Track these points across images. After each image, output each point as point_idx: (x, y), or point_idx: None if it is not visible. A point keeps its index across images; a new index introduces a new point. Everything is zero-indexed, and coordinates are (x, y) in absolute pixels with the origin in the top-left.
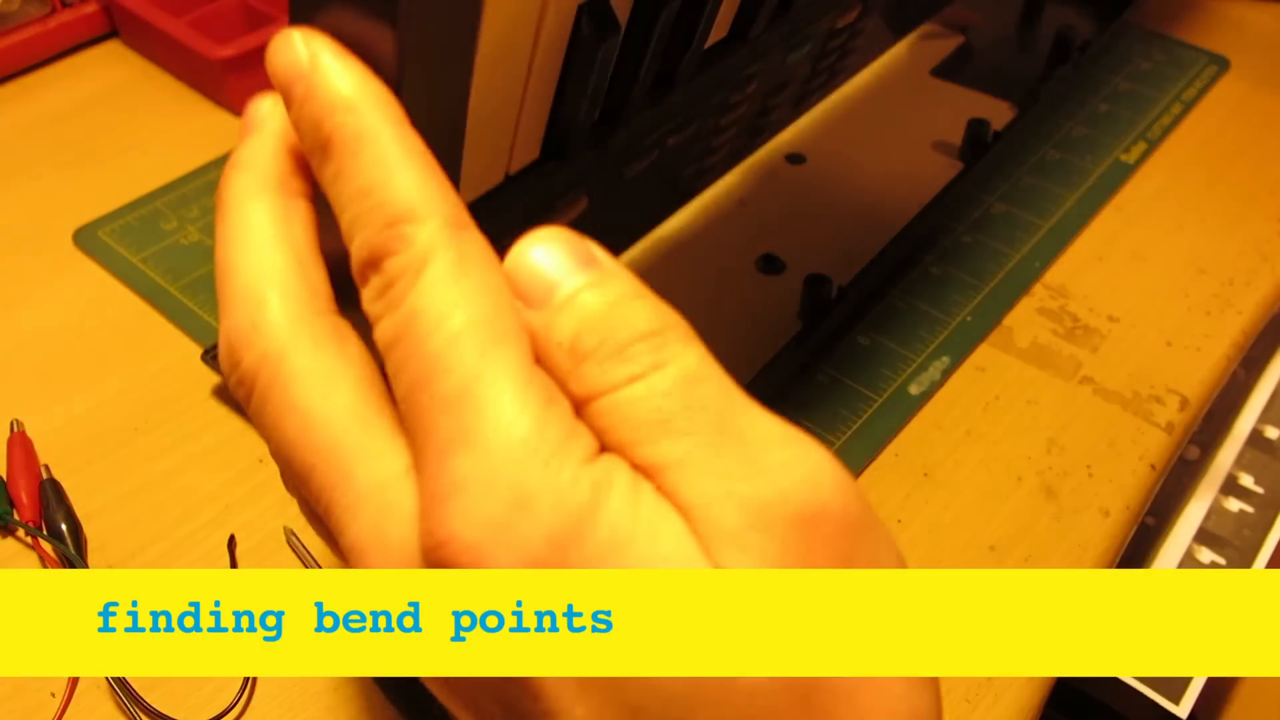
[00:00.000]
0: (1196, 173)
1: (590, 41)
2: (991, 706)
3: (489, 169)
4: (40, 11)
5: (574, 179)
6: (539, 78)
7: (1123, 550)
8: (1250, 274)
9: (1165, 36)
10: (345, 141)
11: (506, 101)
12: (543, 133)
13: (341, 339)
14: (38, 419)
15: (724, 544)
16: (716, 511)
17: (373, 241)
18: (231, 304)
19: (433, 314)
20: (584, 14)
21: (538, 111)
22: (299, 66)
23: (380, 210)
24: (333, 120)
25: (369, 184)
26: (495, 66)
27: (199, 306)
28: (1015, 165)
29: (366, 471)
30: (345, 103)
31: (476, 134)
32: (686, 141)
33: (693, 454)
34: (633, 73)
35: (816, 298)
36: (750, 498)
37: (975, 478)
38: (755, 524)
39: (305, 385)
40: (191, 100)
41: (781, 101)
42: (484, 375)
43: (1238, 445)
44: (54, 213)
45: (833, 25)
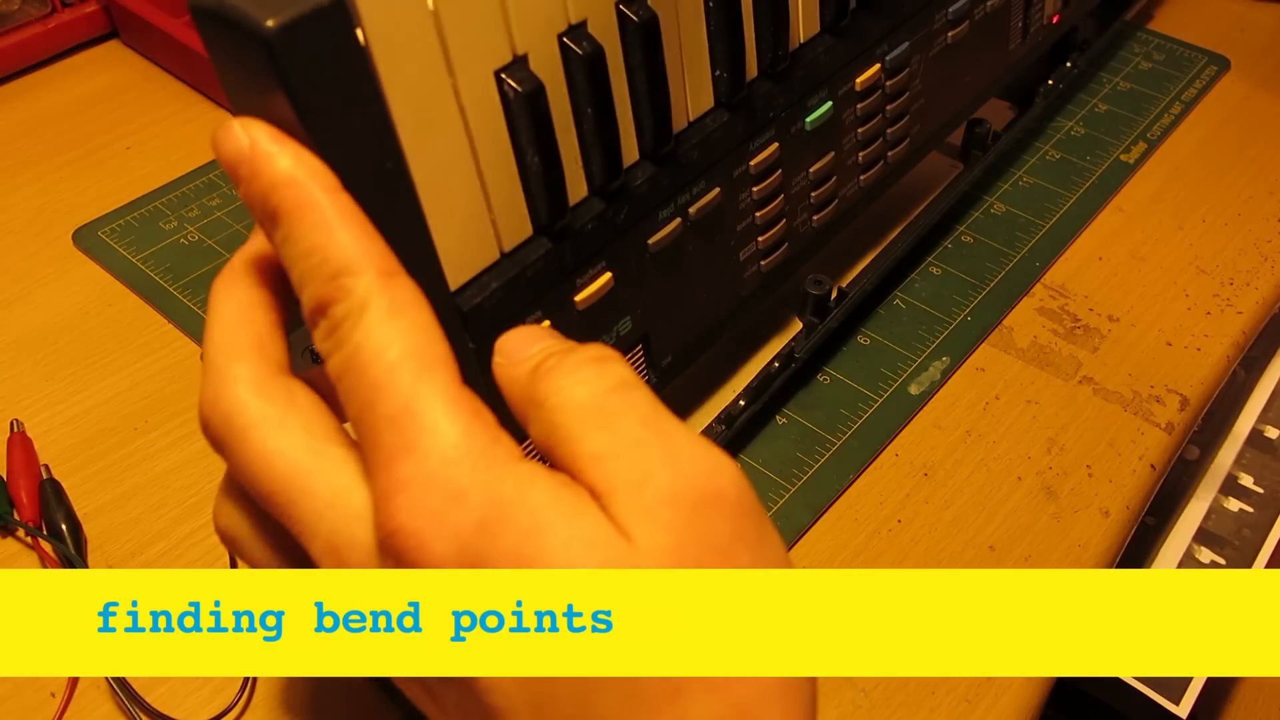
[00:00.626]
0: (1196, 173)
1: (516, 105)
2: (991, 706)
3: (475, 247)
4: (40, 11)
5: (583, 254)
6: (488, 150)
7: (1123, 550)
8: (1250, 274)
9: (1165, 36)
10: (288, 211)
11: (461, 172)
12: (527, 210)
13: (289, 392)
14: (38, 419)
15: (639, 520)
16: (636, 493)
17: (319, 293)
18: (204, 379)
19: (372, 349)
20: (503, 79)
21: (506, 186)
22: (241, 152)
23: (323, 266)
24: (276, 195)
25: (311, 245)
26: (427, 136)
27: (199, 306)
28: (1015, 165)
29: (324, 486)
30: (284, 178)
31: (440, 207)
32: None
33: (621, 445)
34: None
35: (816, 298)
36: (664, 481)
37: (975, 477)
38: (667, 502)
39: (260, 431)
40: (191, 100)
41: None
42: (418, 395)
43: (1238, 445)
44: (54, 213)
45: (852, 87)
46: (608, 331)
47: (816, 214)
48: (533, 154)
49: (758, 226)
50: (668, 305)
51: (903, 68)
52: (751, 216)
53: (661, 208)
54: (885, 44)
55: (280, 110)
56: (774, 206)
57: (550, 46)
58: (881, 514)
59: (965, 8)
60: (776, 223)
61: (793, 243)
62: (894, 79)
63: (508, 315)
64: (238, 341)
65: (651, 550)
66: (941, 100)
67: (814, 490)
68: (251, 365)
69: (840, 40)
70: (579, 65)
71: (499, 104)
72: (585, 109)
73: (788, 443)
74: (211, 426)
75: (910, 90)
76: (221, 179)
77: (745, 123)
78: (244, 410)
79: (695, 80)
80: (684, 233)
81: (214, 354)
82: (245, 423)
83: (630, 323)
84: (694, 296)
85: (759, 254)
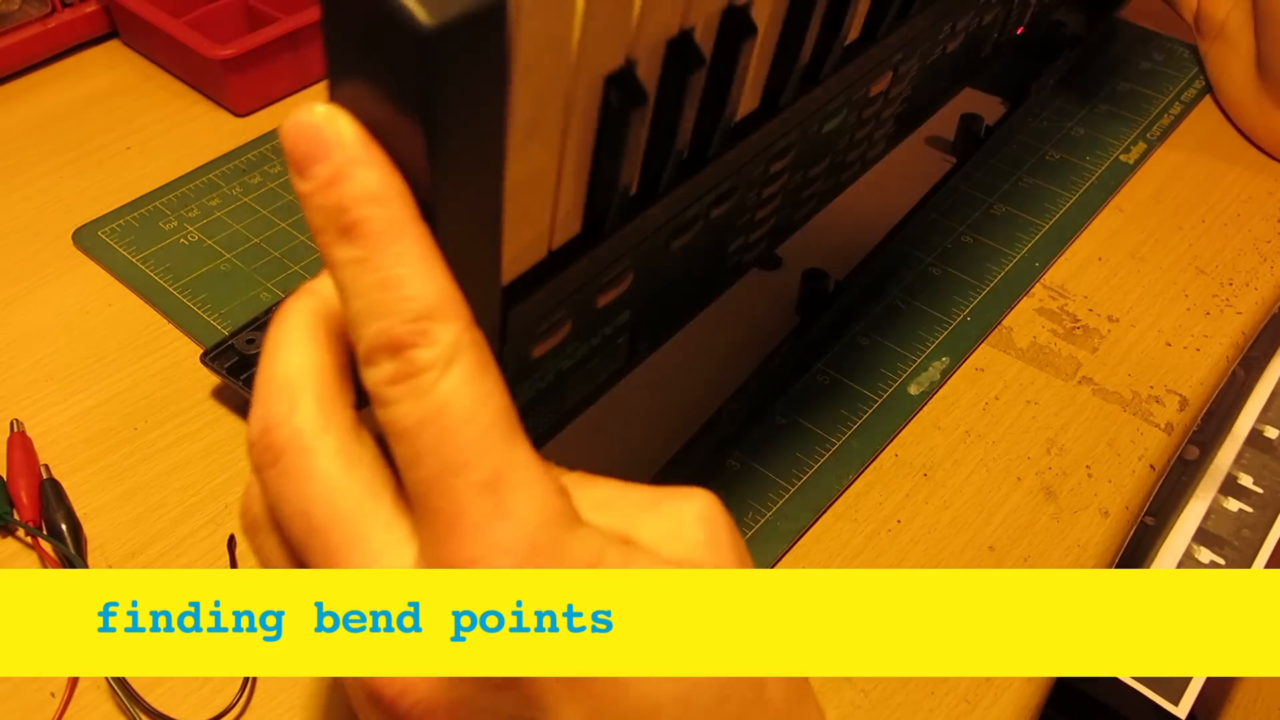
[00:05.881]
0: (1196, 173)
1: (620, 113)
2: (991, 706)
3: (531, 245)
4: (40, 11)
5: (618, 253)
6: (573, 152)
7: (1122, 550)
8: (1250, 274)
9: (1165, 36)
10: (372, 233)
11: (543, 177)
12: (582, 208)
13: (359, 429)
14: (38, 419)
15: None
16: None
17: (394, 331)
18: (269, 389)
19: (464, 408)
20: (611, 86)
21: (575, 187)
22: (324, 145)
23: (405, 304)
24: (360, 210)
25: (393, 278)
26: (528, 144)
27: (199, 306)
28: (1015, 165)
29: (379, 537)
30: (375, 194)
31: (516, 211)
32: (730, 213)
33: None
34: (666, 145)
35: (813, 292)
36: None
37: (975, 478)
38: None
39: (330, 459)
40: (191, 100)
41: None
42: (513, 464)
43: (1237, 445)
44: (54, 213)
45: (865, 94)
46: (610, 324)
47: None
48: (613, 161)
49: (754, 223)
50: (661, 297)
51: (906, 76)
52: (752, 214)
53: (690, 208)
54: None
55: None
56: (773, 205)
57: (656, 52)
58: (881, 514)
59: (969, 21)
60: (769, 218)
61: (772, 235)
62: (897, 87)
63: (540, 315)
64: (314, 367)
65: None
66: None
67: (814, 490)
68: (327, 393)
69: (876, 47)
70: (680, 76)
71: (598, 108)
72: (674, 120)
73: (787, 443)
74: (272, 436)
75: (903, 95)
76: (222, 179)
77: (781, 127)
78: (316, 433)
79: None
80: (699, 232)
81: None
82: (315, 445)
83: (628, 314)
84: (683, 287)
85: (746, 246)
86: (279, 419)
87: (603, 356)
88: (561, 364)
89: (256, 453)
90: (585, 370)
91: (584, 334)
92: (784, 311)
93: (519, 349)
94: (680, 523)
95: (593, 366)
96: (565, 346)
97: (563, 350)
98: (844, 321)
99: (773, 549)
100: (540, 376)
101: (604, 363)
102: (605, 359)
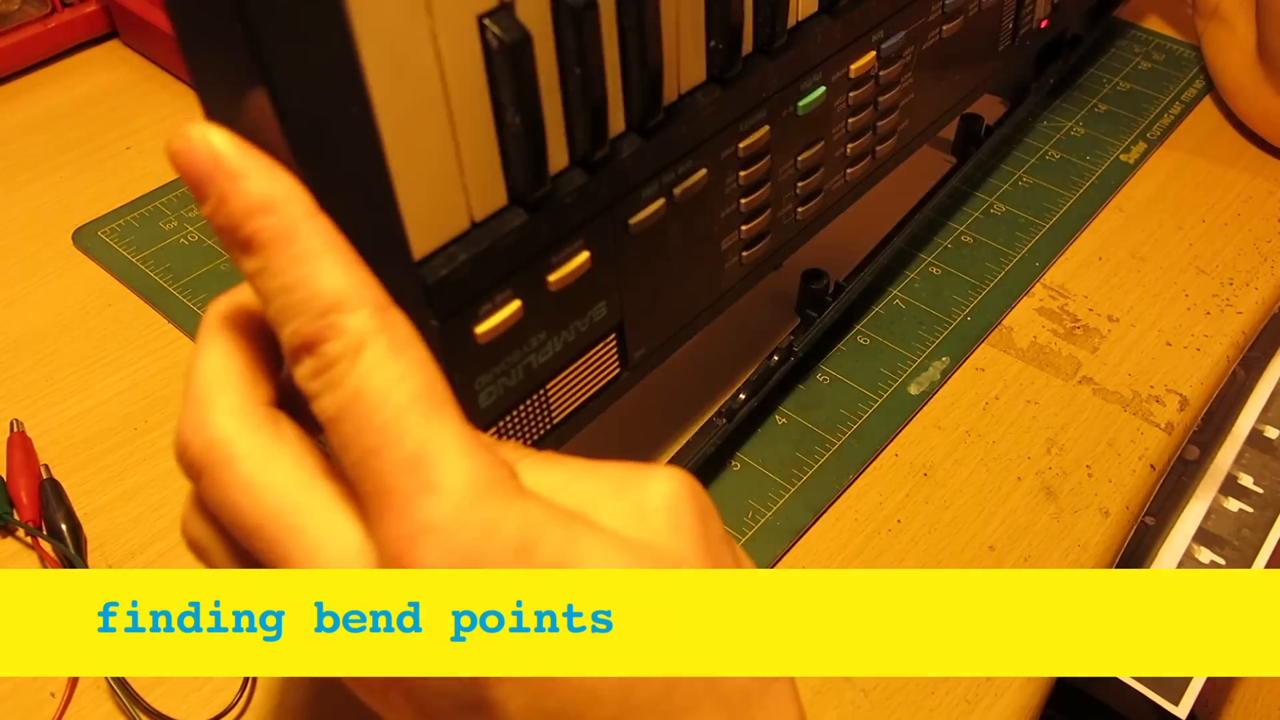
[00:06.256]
0: (1196, 173)
1: (502, 54)
2: (991, 706)
3: (443, 214)
4: (40, 11)
5: (558, 228)
6: (463, 101)
7: (1122, 550)
8: (1250, 274)
9: (1165, 36)
10: (265, 243)
11: (431, 131)
12: (502, 177)
13: (277, 423)
14: (38, 419)
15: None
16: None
17: (305, 330)
18: (186, 402)
19: (376, 391)
20: (486, 26)
21: (479, 147)
22: (203, 168)
23: (311, 302)
24: (251, 223)
25: (294, 279)
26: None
27: (199, 306)
28: (1015, 165)
29: (314, 524)
30: (260, 204)
31: (408, 174)
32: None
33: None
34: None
35: (813, 292)
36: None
37: (975, 478)
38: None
39: (248, 462)
40: (191, 100)
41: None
42: (432, 438)
43: (1237, 445)
44: (54, 213)
45: (846, 74)
46: (581, 316)
47: (802, 206)
48: (513, 112)
49: (742, 214)
50: (646, 293)
51: (896, 59)
52: (736, 203)
53: (645, 185)
54: (882, 31)
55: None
56: (760, 194)
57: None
58: (881, 514)
59: (961, 2)
60: (761, 212)
61: (776, 234)
62: (887, 70)
63: (476, 291)
64: (224, 371)
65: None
66: (931, 96)
67: (814, 490)
68: (238, 395)
69: (838, 21)
70: (570, 16)
71: (479, 53)
72: (574, 67)
73: (787, 443)
74: (191, 453)
75: (902, 83)
76: None
77: (737, 101)
78: (230, 440)
79: (689, 50)
80: (667, 215)
81: (199, 382)
82: (231, 453)
83: (605, 308)
84: (673, 285)
85: (741, 244)
86: (193, 431)
87: (586, 359)
88: (529, 358)
89: (183, 468)
90: (569, 376)
91: (547, 322)
92: (784, 311)
93: (457, 327)
94: (644, 506)
95: (577, 371)
96: (525, 335)
97: (524, 339)
98: (844, 321)
99: (773, 549)
100: (506, 368)
101: (590, 368)
102: (590, 363)
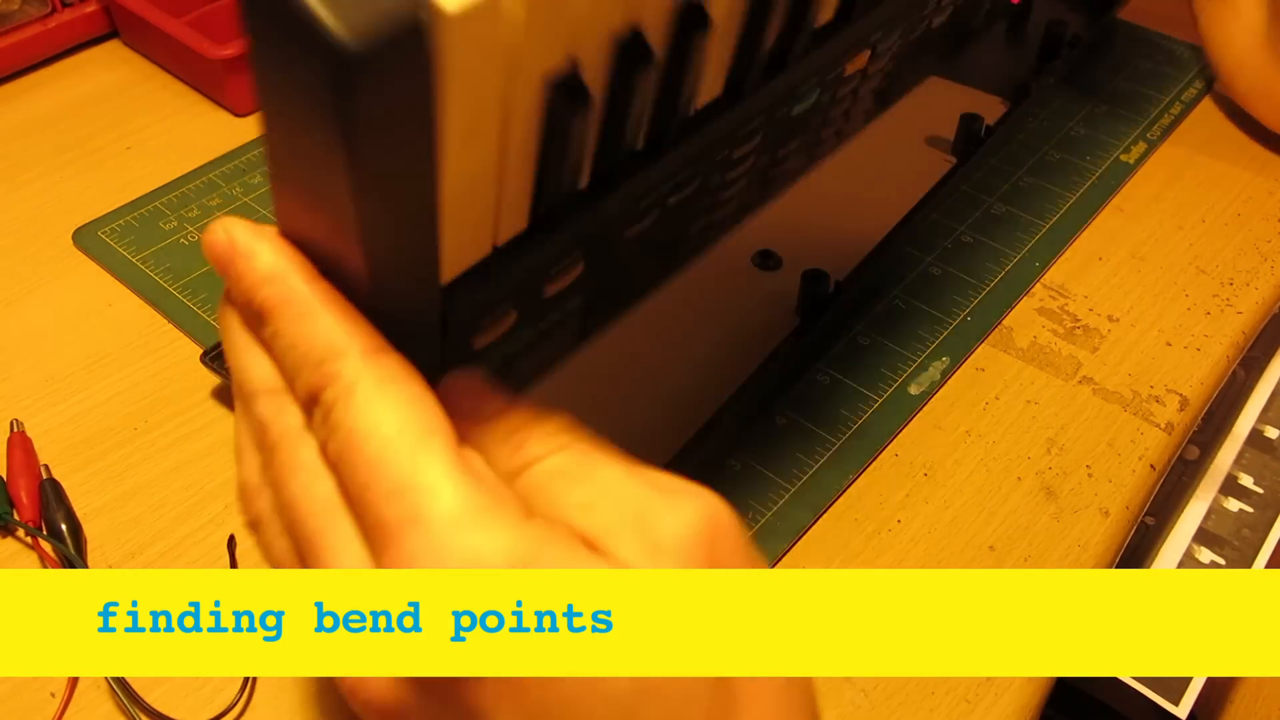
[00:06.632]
0: (1196, 173)
1: (564, 117)
2: (991, 706)
3: (472, 244)
4: (40, 11)
5: (567, 247)
6: (515, 155)
7: (1122, 550)
8: (1250, 274)
9: (1165, 36)
10: (272, 308)
11: (483, 181)
12: (529, 205)
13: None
14: (38, 419)
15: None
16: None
17: (309, 381)
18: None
19: (365, 426)
20: (553, 89)
21: (519, 186)
22: (225, 253)
23: (309, 355)
24: (260, 294)
25: (296, 337)
26: (464, 150)
27: (199, 306)
28: (1015, 165)
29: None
30: (264, 275)
31: (455, 215)
32: (690, 199)
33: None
34: (616, 141)
35: (814, 293)
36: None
37: (975, 477)
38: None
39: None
40: (191, 100)
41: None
42: (418, 467)
43: (1237, 445)
44: (54, 213)
45: (840, 73)
46: (560, 310)
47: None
48: (559, 163)
49: (717, 204)
50: (616, 281)
51: (887, 52)
52: (715, 197)
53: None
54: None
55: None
56: (738, 187)
57: (604, 51)
58: (881, 514)
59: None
60: (732, 201)
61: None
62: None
63: (483, 309)
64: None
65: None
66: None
67: (814, 490)
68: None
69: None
70: (629, 75)
71: (539, 109)
72: (623, 116)
73: (787, 443)
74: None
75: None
76: (222, 179)
77: (745, 115)
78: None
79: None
80: (656, 220)
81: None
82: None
83: (581, 300)
84: (638, 269)
85: (706, 226)
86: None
87: (552, 340)
88: (508, 349)
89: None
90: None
91: (532, 321)
92: (784, 312)
93: (460, 341)
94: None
95: (541, 348)
96: (512, 334)
97: (510, 338)
98: (844, 321)
99: (773, 549)
100: (485, 362)
101: (553, 344)
102: (555, 341)
